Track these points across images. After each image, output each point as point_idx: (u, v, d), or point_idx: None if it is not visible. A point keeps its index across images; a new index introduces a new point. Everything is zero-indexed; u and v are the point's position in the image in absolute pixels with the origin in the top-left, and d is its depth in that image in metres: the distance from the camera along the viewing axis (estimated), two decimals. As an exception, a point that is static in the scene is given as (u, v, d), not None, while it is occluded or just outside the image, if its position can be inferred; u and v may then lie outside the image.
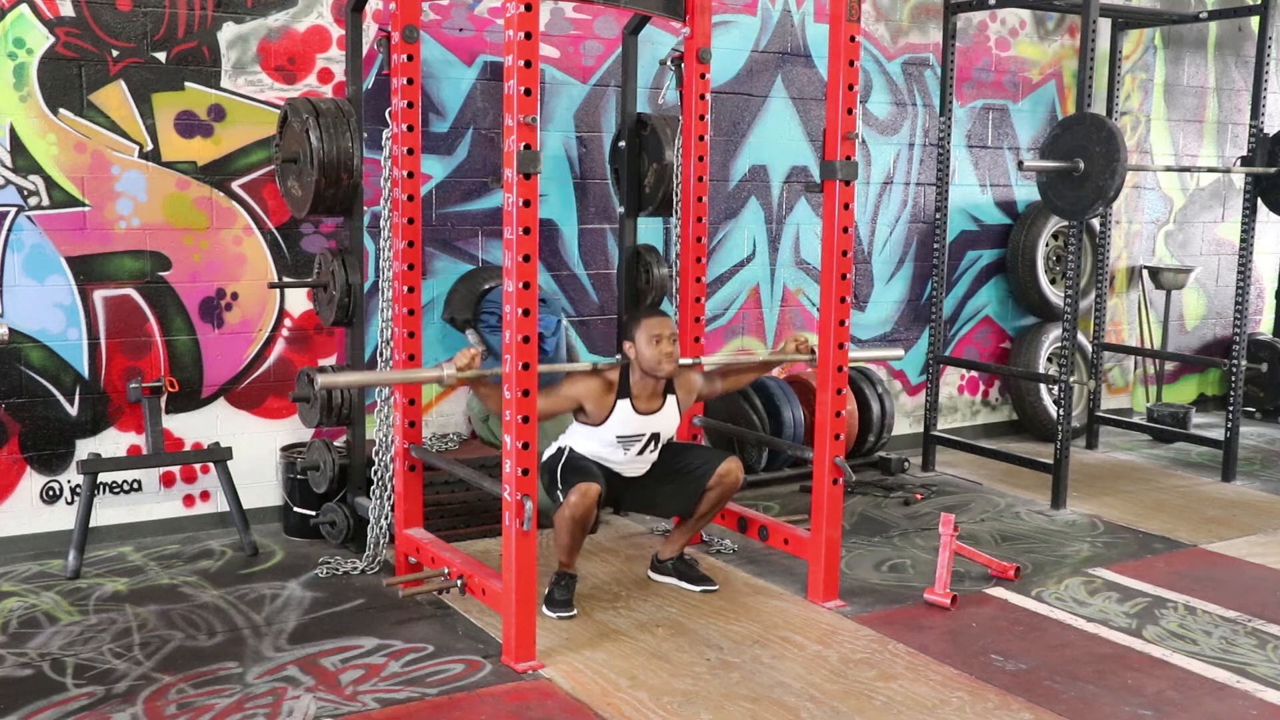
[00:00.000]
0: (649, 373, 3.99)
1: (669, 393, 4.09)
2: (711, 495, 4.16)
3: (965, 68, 6.51)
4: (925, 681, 3.51)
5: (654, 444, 4.11)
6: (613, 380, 4.02)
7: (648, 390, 4.03)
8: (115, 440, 4.69)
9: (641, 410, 4.03)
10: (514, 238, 3.38)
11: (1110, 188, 5.14)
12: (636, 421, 4.03)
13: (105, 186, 4.56)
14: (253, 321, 4.89)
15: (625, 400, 4.01)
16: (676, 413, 4.14)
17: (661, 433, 4.11)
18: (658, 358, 3.95)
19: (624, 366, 4.05)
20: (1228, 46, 7.62)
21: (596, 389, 3.99)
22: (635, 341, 3.98)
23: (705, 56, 4.59)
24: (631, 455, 4.08)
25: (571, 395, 3.98)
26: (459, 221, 5.23)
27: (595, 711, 3.28)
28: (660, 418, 4.08)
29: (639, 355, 3.98)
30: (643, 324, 3.99)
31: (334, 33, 4.86)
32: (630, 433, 4.03)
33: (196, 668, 3.51)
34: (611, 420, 4.00)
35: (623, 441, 4.04)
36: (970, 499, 5.65)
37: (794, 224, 6.14)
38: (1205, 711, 3.36)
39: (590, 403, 3.98)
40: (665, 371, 3.98)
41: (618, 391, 4.01)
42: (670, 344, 3.96)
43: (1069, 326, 5.52)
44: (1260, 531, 5.17)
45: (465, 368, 3.66)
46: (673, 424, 4.15)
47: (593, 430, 4.03)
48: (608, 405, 3.99)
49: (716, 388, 4.35)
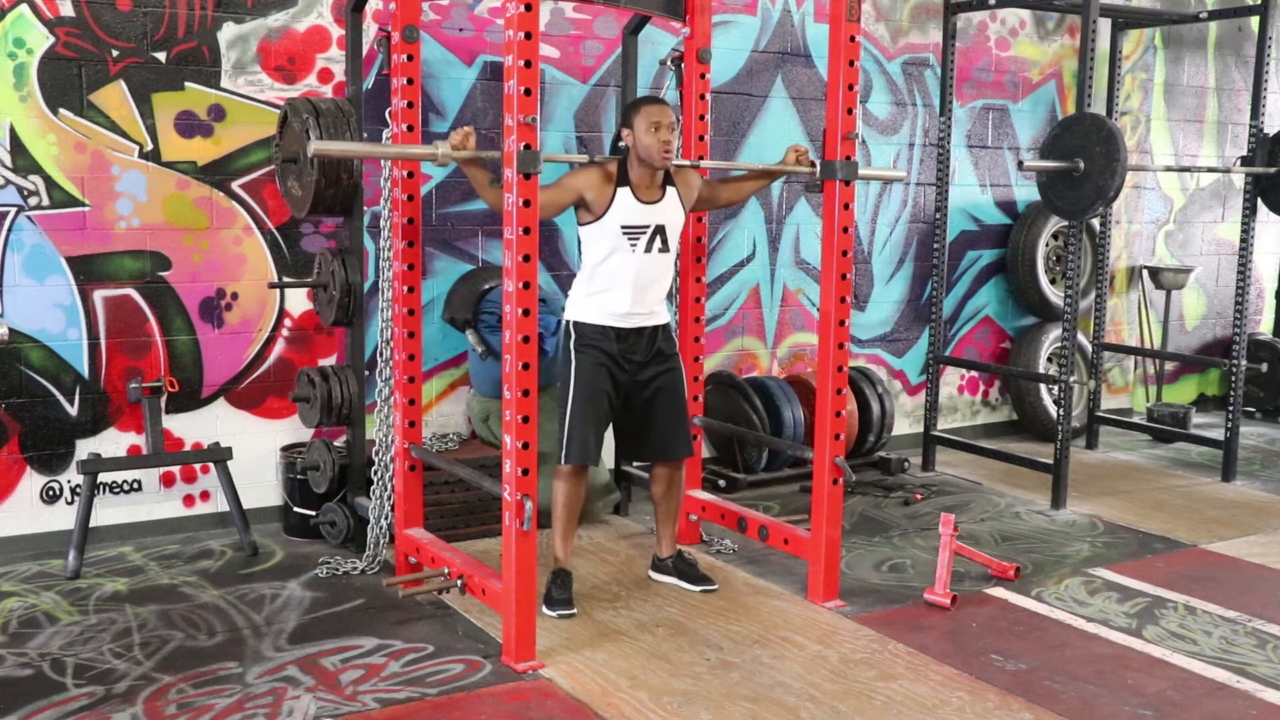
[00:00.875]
0: (646, 161, 3.93)
1: (669, 184, 4.04)
2: (669, 472, 4.26)
3: (965, 68, 6.51)
4: (925, 681, 3.51)
5: (661, 239, 4.01)
6: (611, 171, 3.97)
7: (646, 180, 3.98)
8: (115, 440, 4.69)
9: (643, 199, 3.97)
10: (514, 238, 3.38)
11: (1110, 188, 5.14)
12: (640, 210, 3.95)
13: (105, 186, 4.56)
14: (253, 321, 4.89)
15: (625, 188, 3.95)
16: (679, 207, 4.07)
17: (666, 225, 4.02)
18: (655, 145, 3.89)
19: (622, 160, 4.00)
20: (1228, 46, 7.62)
21: (596, 178, 3.94)
22: (634, 129, 3.93)
23: (705, 56, 4.59)
24: (639, 252, 3.96)
25: (572, 186, 3.92)
26: (459, 221, 5.23)
27: (595, 711, 3.28)
28: (662, 207, 4.01)
29: (636, 143, 3.92)
30: (642, 110, 3.92)
31: (334, 33, 4.86)
32: (634, 223, 3.95)
33: (196, 668, 3.51)
34: (613, 209, 3.93)
35: (628, 234, 3.94)
36: (970, 499, 5.65)
37: (794, 224, 6.14)
38: (1205, 711, 3.36)
39: (591, 191, 3.92)
40: (662, 162, 3.93)
41: (617, 180, 3.95)
42: (668, 133, 3.90)
43: (1069, 326, 5.52)
44: (1260, 531, 5.17)
45: (459, 146, 3.62)
46: (676, 217, 4.07)
47: (597, 226, 3.95)
48: (608, 194, 3.93)
49: (718, 193, 4.32)
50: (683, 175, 4.14)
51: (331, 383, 4.57)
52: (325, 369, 4.64)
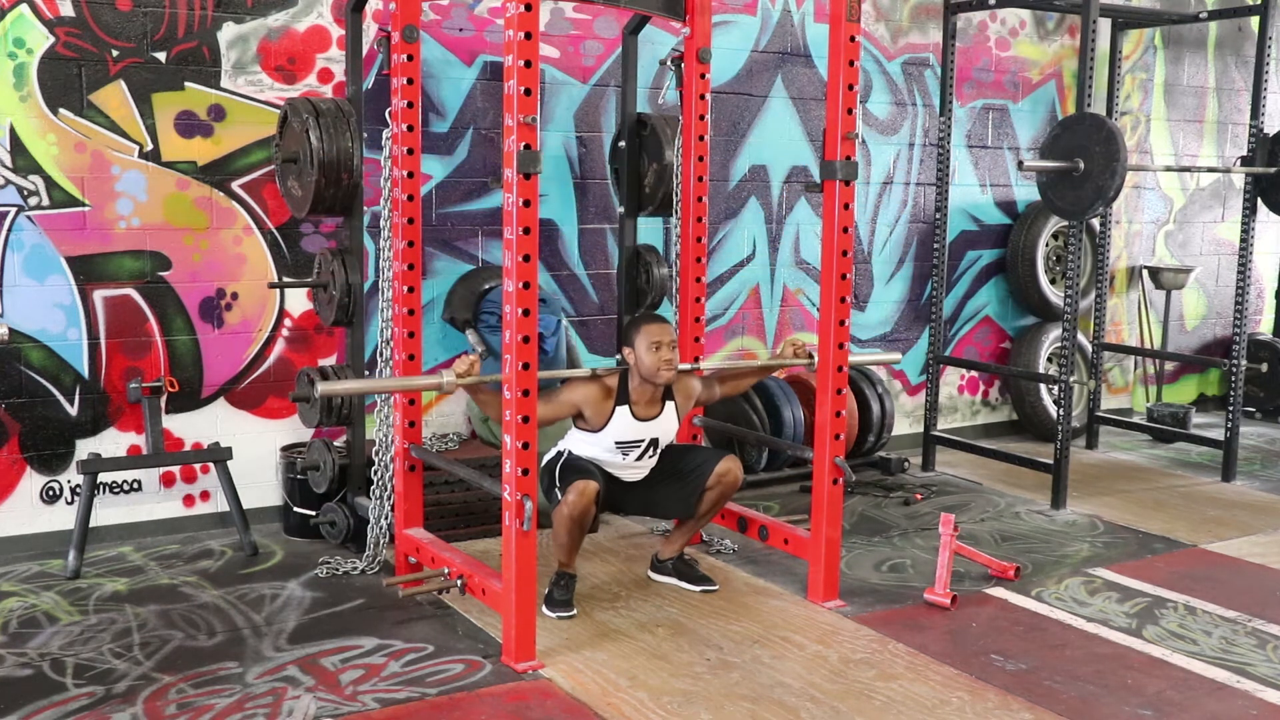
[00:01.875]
0: (648, 379, 3.99)
1: (668, 399, 4.09)
2: (711, 495, 4.16)
3: (965, 68, 6.51)
4: (925, 681, 3.51)
5: (653, 449, 4.11)
6: (611, 386, 4.01)
7: (646, 396, 4.03)
8: (115, 440, 4.69)
9: (640, 416, 4.03)
10: (514, 238, 3.38)
11: (1110, 188, 5.14)
12: (636, 427, 4.03)
13: (105, 186, 4.56)
14: (253, 321, 4.89)
15: (624, 406, 4.01)
16: (675, 418, 4.14)
17: (660, 438, 4.11)
18: (657, 365, 3.94)
19: (623, 373, 4.05)
20: (1228, 46, 7.62)
21: (595, 395, 3.99)
22: (635, 348, 3.98)
23: (705, 56, 4.59)
24: (630, 460, 4.08)
25: (570, 401, 3.98)
26: (459, 221, 5.23)
27: (595, 711, 3.28)
28: (659, 423, 4.08)
29: (638, 362, 3.98)
30: (642, 330, 3.98)
31: (334, 33, 4.86)
32: (629, 438, 4.03)
33: (196, 668, 3.51)
34: (610, 426, 4.01)
35: (621, 447, 4.04)
36: (970, 499, 5.65)
37: (794, 224, 6.14)
38: (1205, 711, 3.36)
39: (589, 409, 3.98)
40: (664, 379, 3.98)
41: (617, 398, 4.01)
42: (670, 351, 3.96)
43: (1069, 326, 5.52)
44: (1260, 531, 5.17)
45: (464, 374, 3.66)
46: (672, 429, 4.15)
47: (592, 436, 4.03)
48: (606, 411, 3.99)
49: (715, 393, 4.35)
50: (682, 385, 4.17)
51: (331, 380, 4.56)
52: (325, 369, 4.63)
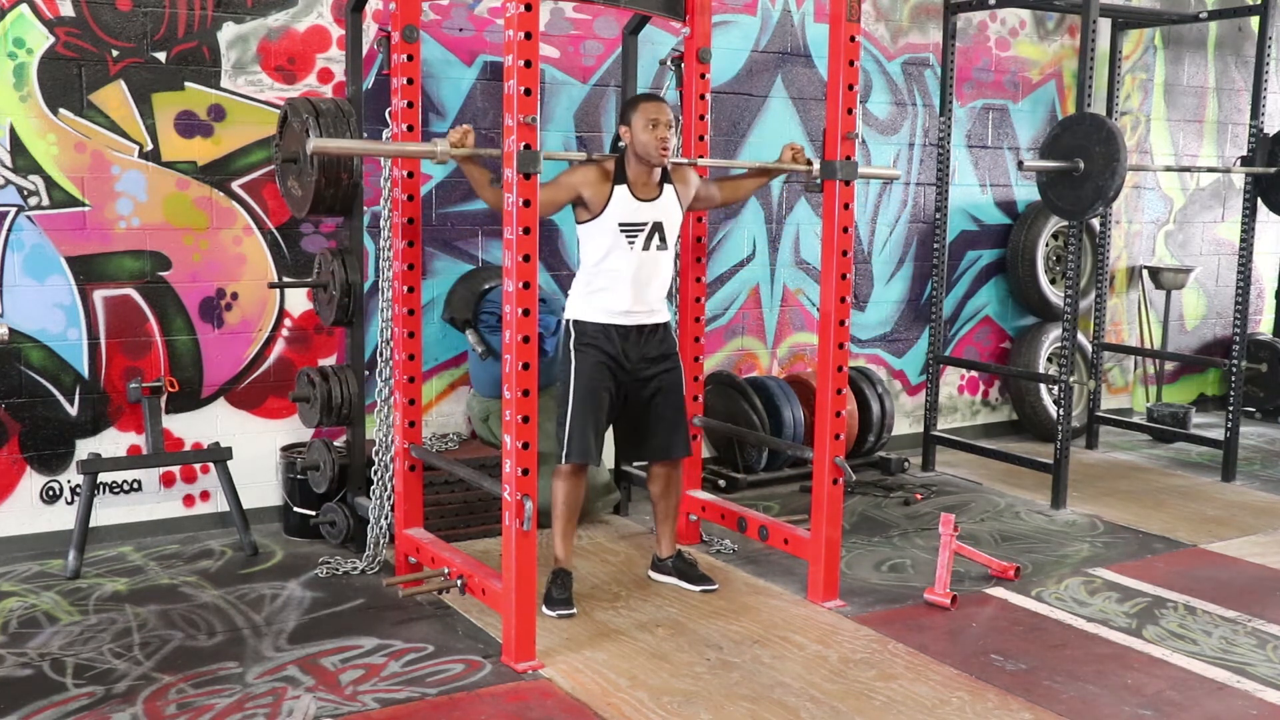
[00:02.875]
0: (644, 158, 3.94)
1: (666, 182, 4.05)
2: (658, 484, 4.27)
3: (965, 68, 6.51)
4: (925, 681, 3.51)
5: (659, 236, 4.02)
6: (609, 168, 3.98)
7: (644, 177, 3.99)
8: (115, 440, 4.69)
9: (640, 196, 3.98)
10: (514, 238, 3.38)
11: (1110, 188, 5.14)
12: (636, 207, 3.97)
13: (105, 186, 4.56)
14: (253, 321, 4.89)
15: (623, 186, 3.96)
16: (676, 203, 4.08)
17: (664, 223, 4.03)
18: (653, 142, 3.90)
19: (620, 157, 4.01)
20: (1228, 46, 7.62)
21: (594, 176, 3.95)
22: (631, 126, 3.94)
23: (705, 56, 4.59)
24: (638, 250, 3.97)
25: (570, 183, 3.93)
26: (459, 221, 5.23)
27: (595, 711, 3.28)
28: (660, 205, 4.02)
29: (634, 140, 3.93)
30: (640, 108, 3.94)
31: (334, 33, 4.86)
32: (632, 220, 3.96)
33: (196, 668, 3.51)
34: (611, 206, 3.94)
35: (626, 231, 3.95)
36: (970, 499, 5.65)
37: (794, 224, 6.14)
38: (1205, 711, 3.36)
39: (588, 189, 3.93)
40: (659, 158, 3.93)
41: (614, 178, 3.96)
42: (666, 130, 3.91)
43: (1069, 326, 5.52)
44: (1260, 531, 5.17)
45: (458, 143, 3.63)
46: (674, 214, 4.07)
47: (596, 224, 3.96)
48: (606, 192, 3.94)
49: (714, 192, 4.33)
50: (680, 173, 4.15)
51: (331, 383, 4.57)
52: (325, 369, 4.64)
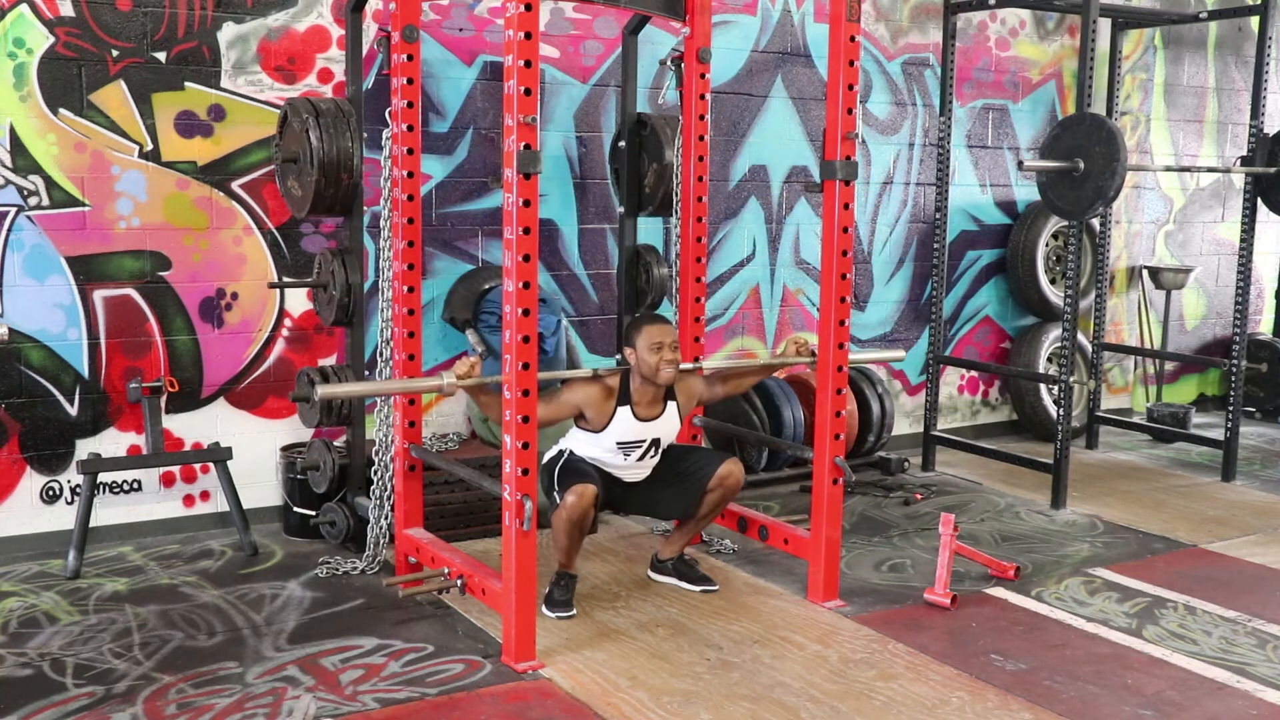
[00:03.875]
0: (649, 380, 3.99)
1: (669, 399, 4.09)
2: (712, 497, 4.16)
3: (965, 68, 6.51)
4: (925, 681, 3.51)
5: (654, 449, 4.11)
6: (613, 387, 4.01)
7: (648, 396, 4.03)
8: (115, 440, 4.69)
9: (642, 416, 4.03)
10: (514, 238, 3.38)
11: (1110, 188, 5.14)
12: (637, 428, 4.03)
13: (105, 186, 4.56)
14: (253, 321, 4.89)
15: (626, 407, 4.00)
16: (677, 418, 4.14)
17: (662, 438, 4.11)
18: (658, 365, 3.94)
19: (624, 373, 4.04)
20: (1228, 46, 7.62)
21: (597, 396, 3.99)
22: (636, 348, 3.98)
23: (705, 56, 4.59)
24: (632, 460, 4.08)
25: (571, 402, 3.98)
26: (459, 221, 5.23)
27: (595, 711, 3.28)
28: (661, 424, 4.08)
29: (639, 362, 3.97)
30: (643, 331, 3.98)
31: (334, 33, 4.86)
32: (631, 439, 4.03)
33: (196, 668, 3.51)
34: (612, 427, 4.00)
35: (623, 447, 4.04)
36: (970, 499, 5.65)
37: (794, 224, 6.14)
38: (1205, 711, 3.36)
39: (591, 410, 3.98)
40: (665, 379, 3.97)
41: (618, 398, 4.01)
42: (671, 352, 3.96)
43: (1069, 326, 5.52)
44: (1260, 531, 5.17)
45: (465, 376, 3.67)
46: (673, 430, 4.15)
47: (593, 436, 4.03)
48: (608, 412, 3.99)
49: (717, 392, 4.35)
50: (684, 385, 4.16)
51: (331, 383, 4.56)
52: (325, 369, 4.63)
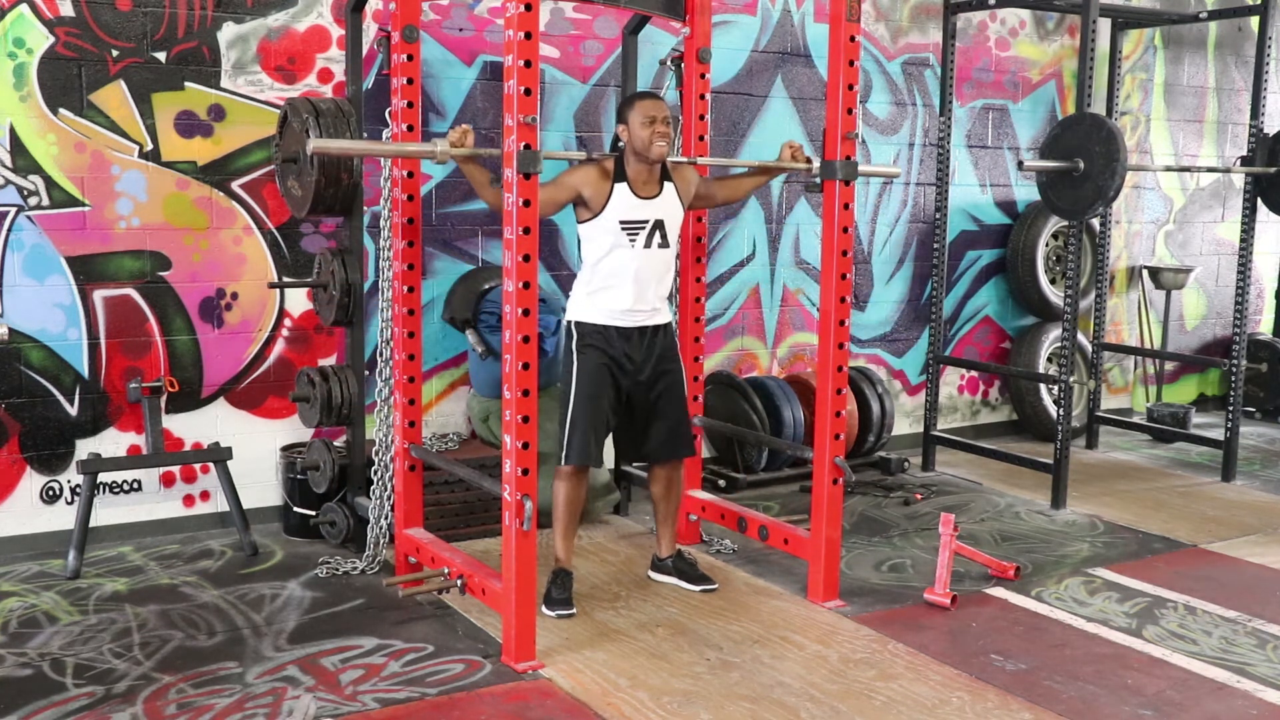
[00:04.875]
0: (642, 155, 3.95)
1: (666, 179, 4.06)
2: (659, 485, 4.27)
3: (965, 68, 6.51)
4: (925, 681, 3.51)
5: (660, 234, 4.02)
6: (609, 167, 3.98)
7: (644, 175, 3.99)
8: (115, 440, 4.69)
9: (640, 194, 3.98)
10: (514, 238, 3.39)
11: (1110, 188, 5.14)
12: (637, 205, 3.97)
13: (105, 186, 4.56)
14: (253, 321, 4.89)
15: (623, 184, 3.96)
16: (677, 200, 4.08)
17: (665, 220, 4.03)
18: (651, 138, 3.90)
19: (619, 155, 4.01)
20: (1228, 46, 7.62)
21: (594, 175, 3.96)
22: (629, 124, 3.94)
23: (705, 56, 4.59)
24: (639, 248, 3.98)
25: (570, 183, 3.93)
26: (459, 221, 5.23)
27: (595, 711, 3.28)
28: (660, 203, 4.02)
29: (632, 137, 3.94)
30: (637, 105, 3.95)
31: (334, 33, 4.86)
32: (633, 218, 3.96)
33: (196, 668, 3.51)
34: (611, 204, 3.95)
35: (627, 229, 3.95)
36: (970, 499, 5.65)
37: (794, 224, 6.14)
38: (1205, 711, 3.36)
39: (589, 188, 3.94)
40: (658, 154, 3.93)
41: (614, 176, 3.97)
42: (664, 125, 3.92)
43: (1069, 326, 5.52)
44: (1260, 531, 5.17)
45: (458, 143, 3.64)
46: (675, 212, 4.08)
47: (597, 223, 3.96)
48: (606, 190, 3.95)
49: (714, 191, 4.33)
50: (680, 171, 4.15)
51: (331, 383, 4.57)
52: (325, 369, 4.64)
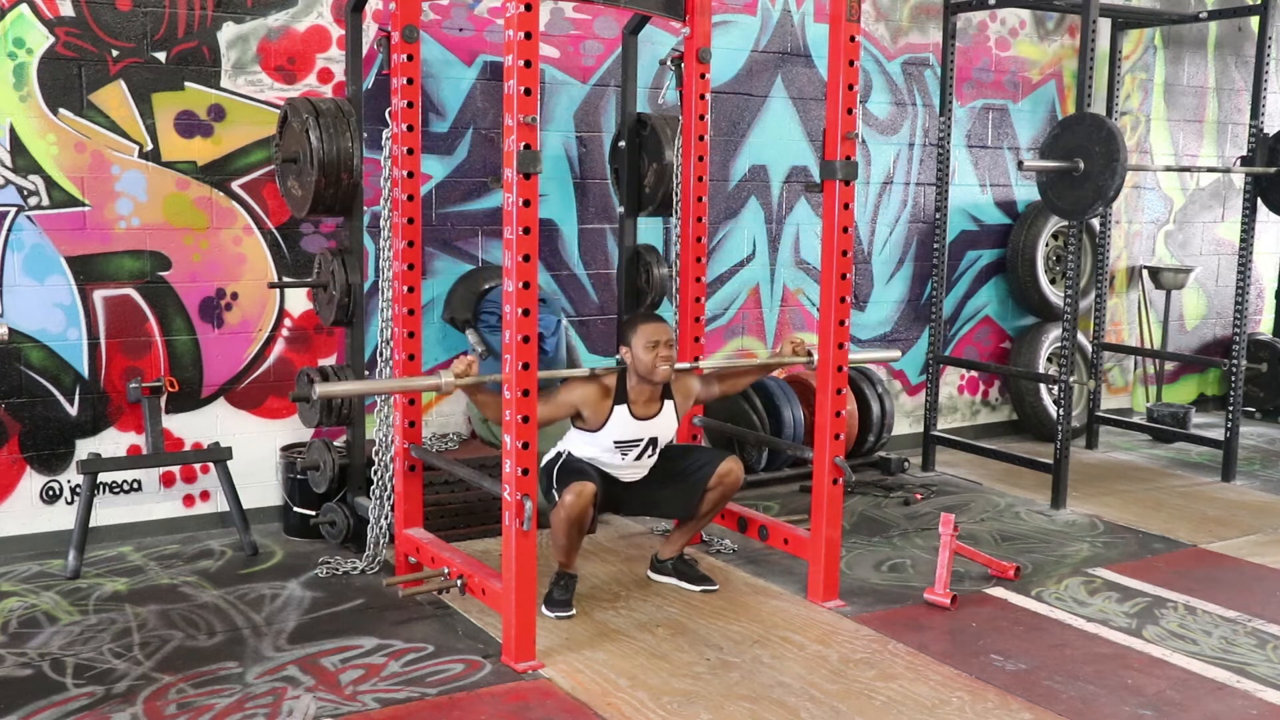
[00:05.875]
0: (645, 378, 3.99)
1: (666, 397, 4.09)
2: (712, 496, 4.16)
3: (965, 68, 6.51)
4: (925, 681, 3.51)
5: (652, 448, 4.11)
6: (610, 386, 4.01)
7: (645, 395, 4.03)
8: (115, 440, 4.69)
9: (639, 415, 4.03)
10: (514, 238, 3.38)
11: (1110, 188, 5.14)
12: (634, 427, 4.03)
13: (105, 186, 4.56)
14: (253, 321, 4.89)
15: (623, 406, 4.01)
16: (674, 417, 4.14)
17: (660, 437, 4.11)
18: (654, 363, 3.94)
19: (621, 372, 4.04)
20: (1228, 46, 7.62)
21: (594, 395, 3.99)
22: (632, 347, 3.98)
23: (705, 56, 4.59)
24: (630, 460, 4.08)
25: (569, 402, 3.98)
26: (459, 221, 5.23)
27: (595, 711, 3.28)
28: (658, 422, 4.08)
29: (635, 361, 3.98)
30: (639, 330, 3.98)
31: (334, 33, 4.86)
32: (628, 438, 4.03)
33: (196, 668, 3.51)
34: (609, 426, 4.00)
35: (620, 446, 4.04)
36: (970, 499, 5.65)
37: (794, 224, 6.14)
38: (1205, 711, 3.36)
39: (588, 409, 3.98)
40: (661, 377, 3.98)
41: (615, 397, 4.01)
42: (667, 349, 3.96)
43: (1069, 326, 5.52)
44: (1260, 531, 5.17)
45: (462, 375, 3.67)
46: (671, 428, 4.15)
47: (591, 436, 4.03)
48: (605, 411, 3.99)
49: (714, 391, 4.35)
50: (681, 384, 4.17)
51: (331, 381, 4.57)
52: (325, 369, 4.63)
